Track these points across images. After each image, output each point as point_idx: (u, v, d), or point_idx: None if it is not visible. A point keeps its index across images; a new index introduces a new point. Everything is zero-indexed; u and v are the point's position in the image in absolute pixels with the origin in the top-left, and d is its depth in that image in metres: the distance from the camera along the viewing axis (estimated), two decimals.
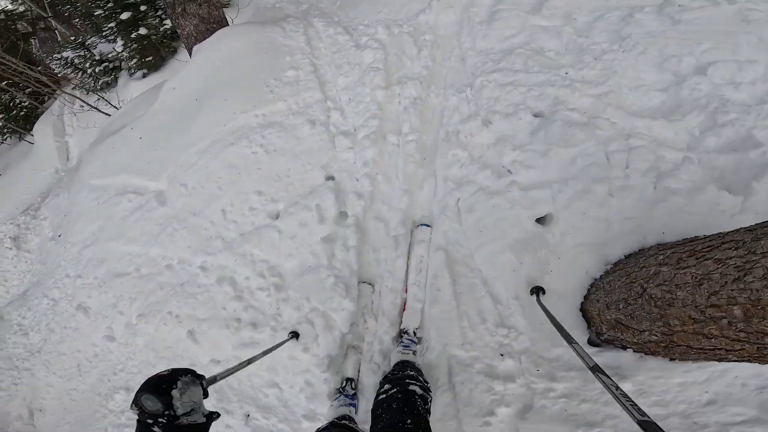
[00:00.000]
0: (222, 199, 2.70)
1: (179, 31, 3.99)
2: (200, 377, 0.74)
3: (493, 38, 2.64)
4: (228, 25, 4.07)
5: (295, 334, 2.06)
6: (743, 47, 2.00)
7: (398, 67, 2.85)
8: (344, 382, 1.91)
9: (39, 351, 3.45)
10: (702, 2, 2.18)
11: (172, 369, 0.70)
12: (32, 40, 8.69)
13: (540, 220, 1.79)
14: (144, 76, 6.57)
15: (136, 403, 0.64)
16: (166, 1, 3.76)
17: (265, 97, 2.97)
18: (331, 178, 2.53)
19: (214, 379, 0.82)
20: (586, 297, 1.52)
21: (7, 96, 7.71)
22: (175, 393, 0.66)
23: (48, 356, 3.34)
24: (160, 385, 0.65)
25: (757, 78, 1.89)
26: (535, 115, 2.12)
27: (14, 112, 7.76)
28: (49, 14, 7.72)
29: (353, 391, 1.86)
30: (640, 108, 2.01)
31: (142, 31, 6.02)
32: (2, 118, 7.57)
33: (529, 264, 1.67)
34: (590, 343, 1.45)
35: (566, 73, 2.28)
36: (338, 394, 1.84)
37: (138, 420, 0.65)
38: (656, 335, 1.14)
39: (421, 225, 2.15)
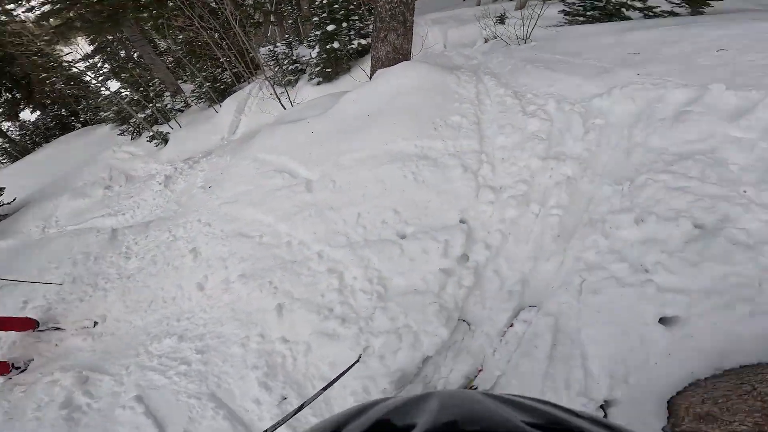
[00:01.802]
0: (361, 205, 3.39)
1: (373, 52, 5.12)
2: None
3: (671, 138, 2.79)
4: (410, 59, 4.95)
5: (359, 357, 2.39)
6: None
7: (559, 142, 3.21)
8: None
9: (129, 277, 4.27)
10: None
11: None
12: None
13: (663, 320, 1.89)
14: (318, 84, 8.16)
15: None
16: (375, 25, 4.83)
17: (429, 132, 3.66)
18: (464, 222, 2.96)
19: None
20: (680, 392, 1.66)
21: (218, 70, 10.25)
22: None
23: (132, 284, 4.11)
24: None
25: None
26: (697, 226, 2.22)
27: (217, 84, 10.25)
28: (274, 11, 10.38)
29: None
30: None
31: (336, 44, 7.56)
32: (208, 86, 10.27)
33: (636, 353, 1.79)
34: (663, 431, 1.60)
35: (744, 192, 2.30)
36: None
37: None
38: (746, 425, 1.28)
39: (529, 306, 2.36)
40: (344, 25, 7.80)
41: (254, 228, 3.84)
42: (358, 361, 2.33)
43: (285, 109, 6.87)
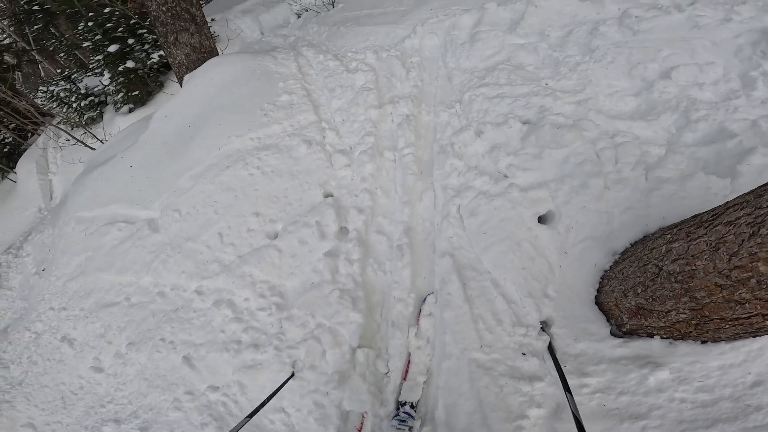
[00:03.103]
0: (218, 222, 2.59)
1: (170, 60, 3.97)
2: None
3: (475, 57, 2.71)
4: (218, 54, 4.05)
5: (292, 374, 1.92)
6: (699, 51, 2.08)
7: (389, 88, 2.89)
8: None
9: (20, 383, 3.12)
10: (655, 12, 2.29)
11: None
12: (16, 74, 8.42)
13: (543, 219, 1.76)
14: (131, 110, 6.43)
15: None
16: (158, 30, 3.77)
17: (260, 120, 2.93)
18: (329, 195, 2.47)
19: None
20: (599, 290, 1.47)
21: None
22: None
23: (29, 389, 3.02)
24: None
25: (719, 78, 1.95)
26: (524, 123, 2.15)
27: None
28: (33, 47, 7.53)
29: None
30: (617, 112, 2.06)
31: (130, 64, 5.93)
32: None
33: (537, 262, 1.62)
34: (613, 335, 1.37)
35: (546, 84, 2.33)
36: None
37: None
38: (684, 312, 1.09)
39: (428, 296, 1.94)
40: (131, 41, 6.12)
41: (116, 293, 2.84)
42: (292, 376, 1.88)
43: (94, 150, 5.22)
